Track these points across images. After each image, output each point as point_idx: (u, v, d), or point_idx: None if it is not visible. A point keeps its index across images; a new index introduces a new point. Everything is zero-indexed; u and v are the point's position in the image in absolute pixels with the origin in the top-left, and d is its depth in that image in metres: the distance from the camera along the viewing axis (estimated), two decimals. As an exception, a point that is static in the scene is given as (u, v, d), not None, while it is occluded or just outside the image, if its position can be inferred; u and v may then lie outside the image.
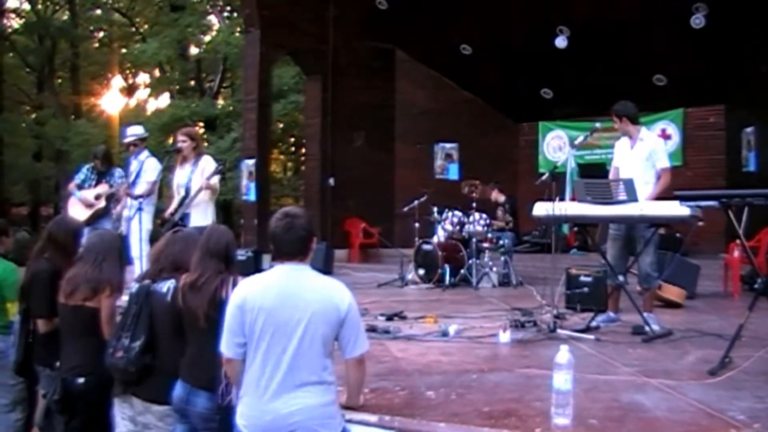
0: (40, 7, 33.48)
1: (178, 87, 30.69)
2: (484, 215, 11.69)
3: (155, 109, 32.48)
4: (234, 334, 3.71)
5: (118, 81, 36.27)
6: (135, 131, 9.52)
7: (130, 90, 36.92)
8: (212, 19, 31.61)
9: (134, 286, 4.57)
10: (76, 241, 5.40)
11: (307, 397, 3.59)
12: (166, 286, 4.40)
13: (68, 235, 5.38)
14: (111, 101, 34.15)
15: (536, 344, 6.48)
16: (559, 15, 15.36)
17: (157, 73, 33.62)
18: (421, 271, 11.57)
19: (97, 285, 4.80)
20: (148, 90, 36.62)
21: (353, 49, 16.70)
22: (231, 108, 27.03)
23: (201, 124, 27.64)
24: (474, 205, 11.60)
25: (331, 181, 16.11)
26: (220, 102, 29.53)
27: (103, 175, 9.27)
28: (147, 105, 35.74)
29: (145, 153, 9.33)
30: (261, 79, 15.70)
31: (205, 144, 16.94)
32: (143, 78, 36.83)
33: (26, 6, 34.24)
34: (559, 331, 6.84)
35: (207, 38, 30.46)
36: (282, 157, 34.28)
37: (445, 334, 6.92)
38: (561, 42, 15.57)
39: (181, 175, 8.40)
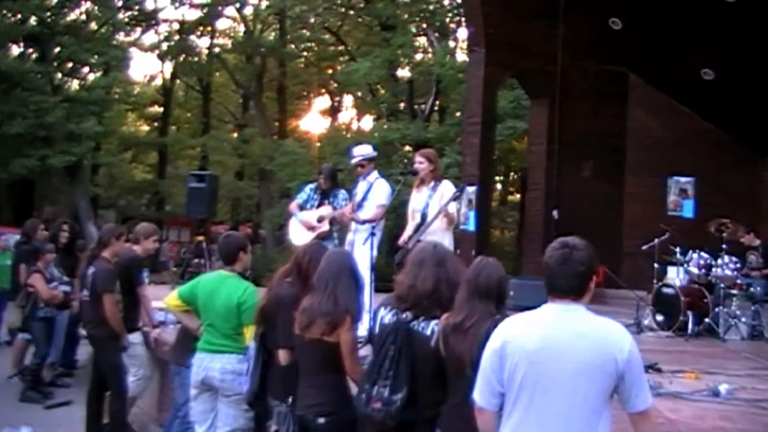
0: (250, 25, 34.57)
1: (385, 107, 30.81)
2: (734, 258, 10.54)
3: (357, 130, 32.75)
4: (489, 381, 3.25)
5: (323, 101, 37.09)
6: (362, 151, 8.85)
7: (334, 111, 37.60)
8: (421, 40, 31.62)
9: (387, 323, 4.06)
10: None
11: None
12: (430, 327, 3.93)
13: (312, 263, 4.92)
14: (314, 122, 34.78)
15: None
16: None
17: (360, 93, 33.85)
18: (660, 317, 10.56)
19: (333, 319, 4.37)
20: (353, 111, 37.17)
21: (583, 72, 15.81)
22: (445, 132, 26.61)
23: (409, 148, 27.46)
24: (724, 246, 10.51)
25: (555, 213, 15.17)
26: (432, 126, 29.23)
27: (326, 195, 8.87)
28: (351, 126, 36.31)
29: (375, 174, 8.67)
30: (485, 101, 15.08)
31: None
32: (348, 99, 37.39)
33: (236, 26, 35.65)
34: None
35: (417, 58, 30.45)
36: (490, 185, 33.63)
37: (716, 393, 5.99)
38: (818, 67, 14.01)
39: (417, 200, 7.89)
